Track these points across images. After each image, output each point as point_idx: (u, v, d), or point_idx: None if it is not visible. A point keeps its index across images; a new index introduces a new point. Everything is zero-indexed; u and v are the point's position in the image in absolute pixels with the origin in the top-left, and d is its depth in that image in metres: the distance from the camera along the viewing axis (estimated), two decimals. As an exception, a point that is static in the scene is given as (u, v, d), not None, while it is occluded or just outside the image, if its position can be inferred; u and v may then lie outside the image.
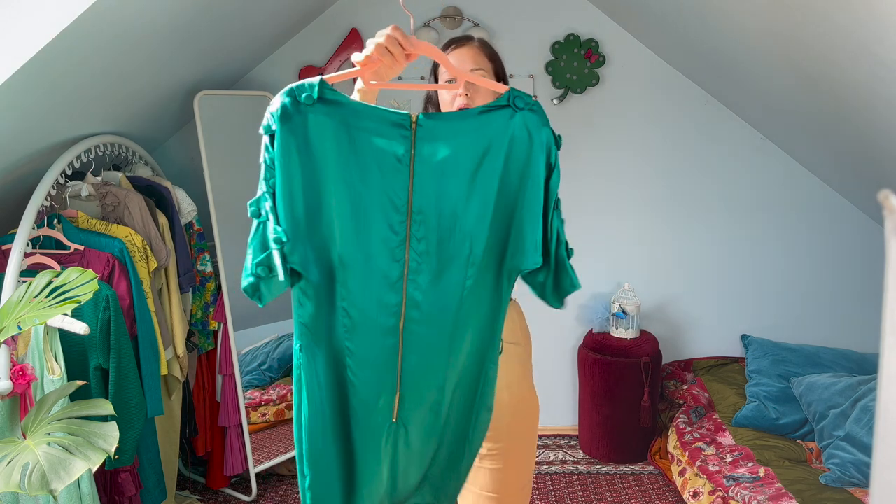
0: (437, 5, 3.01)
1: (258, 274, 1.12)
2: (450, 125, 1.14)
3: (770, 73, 2.39)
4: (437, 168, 1.13)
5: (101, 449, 1.40)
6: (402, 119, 1.11)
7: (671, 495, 2.78)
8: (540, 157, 1.16)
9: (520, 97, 1.14)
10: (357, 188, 1.12)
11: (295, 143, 1.09)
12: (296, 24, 2.93)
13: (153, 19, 1.94)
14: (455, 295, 1.17)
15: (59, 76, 1.82)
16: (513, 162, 1.14)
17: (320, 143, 1.10)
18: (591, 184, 3.16)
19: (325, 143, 1.10)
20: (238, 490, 2.88)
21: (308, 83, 1.10)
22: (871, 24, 1.59)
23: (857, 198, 3.05)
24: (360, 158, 1.11)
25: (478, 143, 1.13)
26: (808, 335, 3.21)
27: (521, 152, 1.15)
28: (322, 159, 1.10)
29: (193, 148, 2.96)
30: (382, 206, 1.13)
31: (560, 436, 3.35)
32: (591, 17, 3.02)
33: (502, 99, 1.14)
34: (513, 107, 1.14)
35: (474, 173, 1.13)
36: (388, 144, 1.11)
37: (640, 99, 3.09)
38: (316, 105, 1.09)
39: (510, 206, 1.16)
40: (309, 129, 1.10)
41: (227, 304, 2.70)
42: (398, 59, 1.17)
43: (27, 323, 1.45)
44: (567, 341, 3.31)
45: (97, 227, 2.22)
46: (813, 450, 2.48)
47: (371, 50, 1.15)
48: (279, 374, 3.00)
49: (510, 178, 1.15)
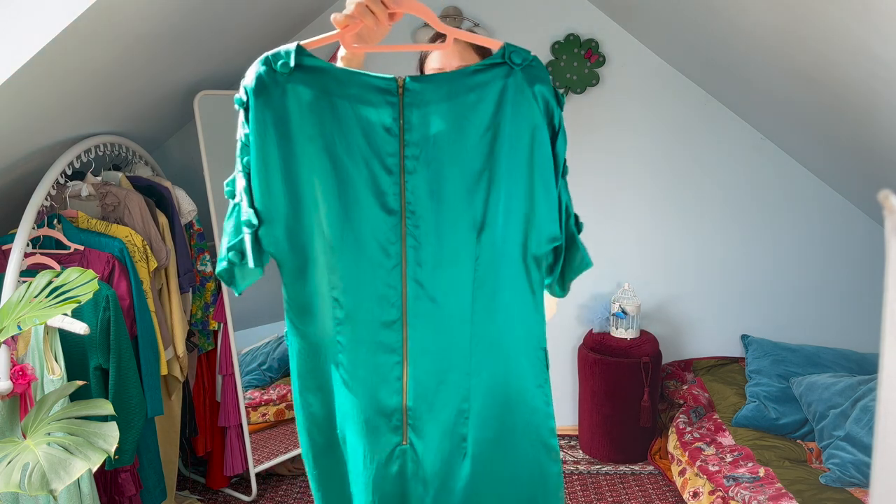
0: (437, 5, 3.01)
1: (230, 259, 1.02)
2: (440, 87, 1.01)
3: (770, 72, 2.39)
4: (431, 138, 1.01)
5: (101, 449, 1.40)
6: (388, 84, 1.00)
7: (671, 495, 2.78)
8: (543, 120, 1.03)
9: (516, 52, 1.01)
10: (343, 163, 1.00)
11: (272, 116, 0.98)
12: (295, 24, 2.93)
13: (153, 19, 1.94)
14: (466, 285, 1.04)
15: (59, 76, 1.82)
16: (514, 125, 1.02)
17: (299, 115, 0.99)
18: (591, 183, 3.16)
19: (304, 116, 0.99)
20: (238, 490, 2.88)
21: (284, 50, 0.99)
22: (871, 23, 1.59)
23: (856, 198, 3.05)
24: (343, 130, 1.00)
25: (473, 107, 1.01)
26: (808, 335, 3.21)
27: (523, 114, 1.01)
28: (301, 133, 0.99)
29: (193, 148, 2.96)
30: (372, 183, 1.01)
31: (560, 436, 3.35)
32: (591, 17, 3.02)
33: (496, 56, 1.02)
34: (509, 63, 1.01)
35: (473, 139, 1.01)
36: (374, 113, 1.00)
37: (640, 99, 3.09)
38: (294, 74, 0.98)
39: (521, 175, 1.03)
40: (287, 100, 0.99)
41: (227, 304, 2.70)
42: (381, 19, 1.04)
43: (27, 323, 1.45)
44: (567, 341, 3.31)
45: (97, 227, 2.22)
46: (813, 450, 2.48)
47: (351, 9, 1.02)
48: (279, 374, 3.00)
49: (515, 144, 1.02)
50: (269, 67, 0.98)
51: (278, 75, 0.98)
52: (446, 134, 1.01)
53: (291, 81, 0.98)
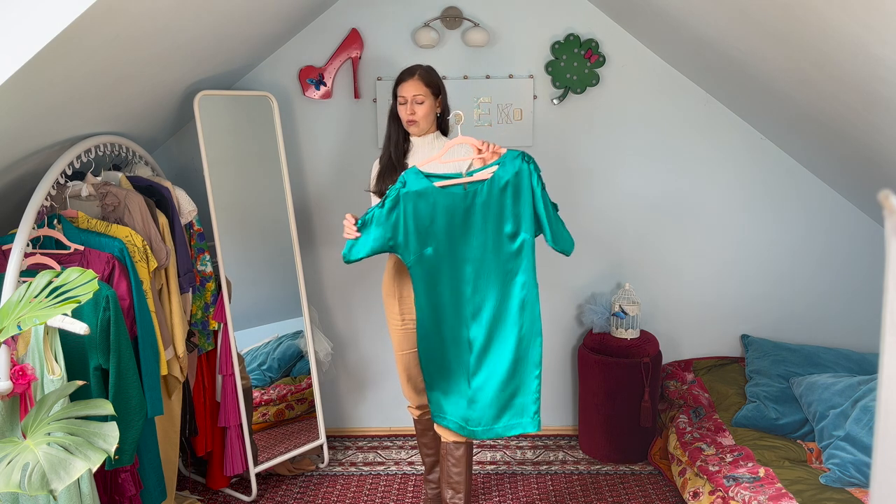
0: (438, 5, 3.01)
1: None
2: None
3: (770, 72, 2.39)
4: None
5: (101, 449, 1.40)
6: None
7: (671, 495, 2.78)
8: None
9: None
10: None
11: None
12: (296, 24, 2.93)
13: (153, 19, 1.94)
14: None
15: (59, 76, 1.82)
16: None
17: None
18: (590, 183, 3.16)
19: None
20: (238, 490, 2.88)
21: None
22: (871, 23, 1.59)
23: (857, 198, 3.05)
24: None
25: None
26: (808, 335, 3.22)
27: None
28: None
29: (193, 148, 2.96)
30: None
31: (560, 436, 3.35)
32: (591, 17, 3.02)
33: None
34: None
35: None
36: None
37: (640, 99, 3.09)
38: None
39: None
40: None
41: (227, 304, 2.70)
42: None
43: (27, 323, 1.45)
44: (567, 341, 3.31)
45: (97, 227, 2.22)
46: (813, 450, 2.47)
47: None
48: (279, 374, 3.00)
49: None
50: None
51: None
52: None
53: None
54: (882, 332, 0.65)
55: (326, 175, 3.18)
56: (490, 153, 2.12)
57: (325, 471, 3.06)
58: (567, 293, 3.27)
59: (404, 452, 3.22)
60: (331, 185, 3.18)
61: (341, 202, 3.17)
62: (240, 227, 2.88)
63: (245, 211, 2.93)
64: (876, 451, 0.67)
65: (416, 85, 2.28)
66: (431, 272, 2.15)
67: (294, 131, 3.12)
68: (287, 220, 2.92)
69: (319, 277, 3.25)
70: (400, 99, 2.31)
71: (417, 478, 2.99)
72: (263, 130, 2.88)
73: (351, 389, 3.37)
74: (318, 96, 3.08)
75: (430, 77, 2.32)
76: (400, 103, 2.31)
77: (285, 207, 2.92)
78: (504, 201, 2.10)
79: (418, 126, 2.31)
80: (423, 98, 2.28)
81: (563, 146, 3.14)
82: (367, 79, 3.08)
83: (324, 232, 3.22)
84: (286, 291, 2.97)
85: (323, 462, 3.09)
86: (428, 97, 2.29)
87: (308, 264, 3.19)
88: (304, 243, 3.17)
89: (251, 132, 2.90)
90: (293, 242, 2.94)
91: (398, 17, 3.03)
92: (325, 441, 3.06)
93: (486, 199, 2.11)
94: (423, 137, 2.36)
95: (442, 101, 2.36)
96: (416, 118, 2.28)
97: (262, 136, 2.89)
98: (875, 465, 0.68)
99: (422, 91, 2.28)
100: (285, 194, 2.91)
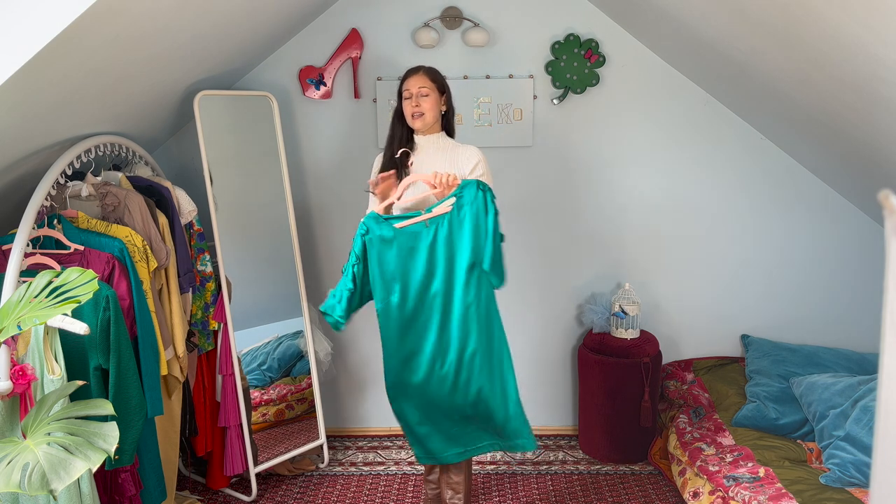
0: (438, 5, 3.01)
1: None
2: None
3: (770, 72, 2.39)
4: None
5: (101, 449, 1.40)
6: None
7: (671, 495, 2.78)
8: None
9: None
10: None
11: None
12: (296, 24, 2.93)
13: (153, 19, 1.94)
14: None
15: (59, 76, 1.82)
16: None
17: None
18: (590, 183, 3.16)
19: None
20: (238, 490, 2.88)
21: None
22: (871, 23, 1.59)
23: (857, 198, 3.05)
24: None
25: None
26: (808, 335, 3.21)
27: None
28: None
29: (193, 148, 2.96)
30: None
31: (560, 436, 3.35)
32: (591, 17, 3.02)
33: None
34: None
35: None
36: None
37: (640, 99, 3.09)
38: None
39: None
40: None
41: (227, 304, 2.70)
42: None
43: (27, 323, 1.45)
44: (567, 341, 3.31)
45: (97, 227, 2.22)
46: (813, 450, 2.48)
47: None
48: (279, 374, 3.00)
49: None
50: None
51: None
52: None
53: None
54: (882, 332, 0.65)
55: (326, 175, 3.18)
56: (444, 187, 2.15)
57: (325, 471, 3.06)
58: (567, 293, 3.27)
59: (404, 452, 3.22)
60: (331, 185, 3.18)
61: (341, 202, 3.17)
62: (240, 227, 2.88)
63: (245, 211, 2.93)
64: (876, 451, 0.68)
65: (421, 79, 2.29)
66: (398, 320, 2.19)
67: (294, 131, 3.12)
68: (287, 219, 2.92)
69: (319, 277, 3.25)
70: (405, 94, 2.30)
71: (417, 478, 2.99)
72: (263, 130, 2.88)
73: (351, 389, 3.37)
74: (318, 96, 3.08)
75: (435, 74, 2.35)
76: (405, 98, 2.30)
77: (285, 207, 2.92)
78: (463, 232, 2.15)
79: (424, 119, 2.28)
80: (428, 91, 2.28)
81: (563, 146, 3.14)
82: (367, 79, 3.08)
83: (324, 232, 3.22)
84: (286, 291, 2.97)
85: (323, 462, 3.09)
86: (433, 91, 2.29)
87: (308, 264, 3.19)
88: (304, 243, 3.17)
89: (251, 132, 2.90)
90: (293, 242, 2.94)
91: (398, 17, 3.03)
92: (325, 441, 3.06)
93: (448, 232, 2.15)
94: (427, 137, 2.34)
95: (447, 100, 2.36)
96: (421, 110, 2.26)
97: (262, 136, 2.89)
98: (875, 465, 0.68)
99: (427, 84, 2.28)
100: (285, 194, 2.91)
